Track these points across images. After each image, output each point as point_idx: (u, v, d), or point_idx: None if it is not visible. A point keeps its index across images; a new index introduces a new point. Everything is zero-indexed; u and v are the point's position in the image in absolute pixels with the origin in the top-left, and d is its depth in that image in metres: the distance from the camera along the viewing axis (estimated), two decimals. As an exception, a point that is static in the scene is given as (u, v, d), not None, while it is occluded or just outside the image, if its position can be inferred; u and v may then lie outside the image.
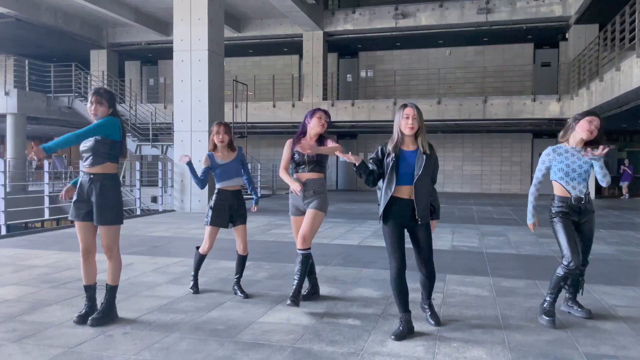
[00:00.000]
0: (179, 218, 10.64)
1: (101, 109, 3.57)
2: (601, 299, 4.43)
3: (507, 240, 7.82)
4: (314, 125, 4.05)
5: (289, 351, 3.12)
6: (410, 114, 3.39)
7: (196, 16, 11.82)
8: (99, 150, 3.52)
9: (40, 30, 19.36)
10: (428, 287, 3.65)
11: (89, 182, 3.54)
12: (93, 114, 3.57)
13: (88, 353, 3.08)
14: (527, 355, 3.10)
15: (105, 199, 3.53)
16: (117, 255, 3.67)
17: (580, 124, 3.69)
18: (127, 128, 19.10)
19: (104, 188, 3.53)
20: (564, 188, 3.74)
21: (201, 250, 4.52)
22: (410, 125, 3.38)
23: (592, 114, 3.73)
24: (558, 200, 3.77)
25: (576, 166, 3.70)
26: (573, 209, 3.71)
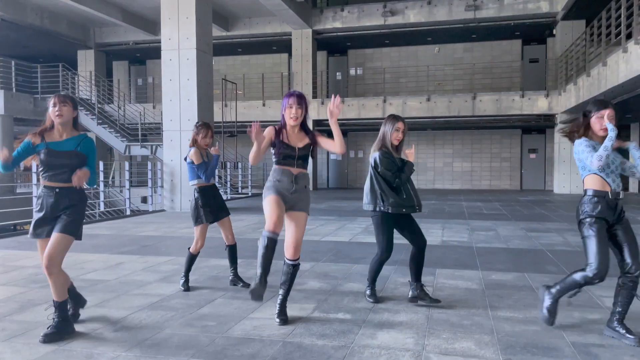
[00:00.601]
0: (169, 218, 10.60)
1: (66, 109, 3.37)
2: (588, 289, 4.47)
3: (496, 235, 7.88)
4: (286, 116, 3.64)
5: (279, 345, 3.14)
6: (401, 128, 4.04)
7: (184, 15, 11.78)
8: (78, 168, 3.34)
9: (26, 30, 19.22)
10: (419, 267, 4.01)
11: (54, 197, 3.31)
12: (59, 115, 3.33)
13: (78, 351, 3.07)
14: (514, 345, 3.13)
15: (74, 211, 3.35)
16: (58, 270, 3.31)
17: (593, 121, 3.29)
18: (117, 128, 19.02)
19: (73, 202, 3.36)
20: (604, 180, 3.24)
21: (193, 249, 4.55)
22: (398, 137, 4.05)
23: (603, 105, 3.29)
24: (593, 196, 3.24)
25: (609, 160, 3.24)
26: (610, 205, 3.23)
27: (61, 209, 3.33)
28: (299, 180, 3.65)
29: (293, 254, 3.54)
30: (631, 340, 3.16)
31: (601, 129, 3.25)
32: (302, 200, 3.65)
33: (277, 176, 3.63)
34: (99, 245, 7.08)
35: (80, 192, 3.44)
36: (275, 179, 3.63)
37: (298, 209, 3.62)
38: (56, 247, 3.27)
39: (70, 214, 3.34)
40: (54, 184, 3.34)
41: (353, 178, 22.74)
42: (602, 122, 3.23)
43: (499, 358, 2.93)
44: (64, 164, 3.33)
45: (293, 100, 3.58)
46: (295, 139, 3.66)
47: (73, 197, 3.37)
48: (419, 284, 3.99)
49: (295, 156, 3.63)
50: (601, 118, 3.23)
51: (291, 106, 3.58)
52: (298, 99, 3.59)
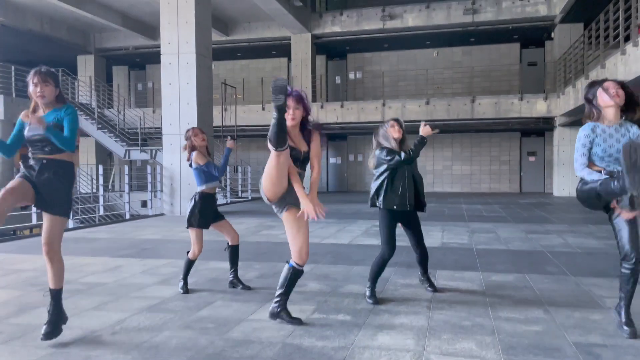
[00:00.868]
0: (168, 221, 10.58)
1: (48, 89, 3.22)
2: (589, 290, 4.46)
3: (496, 237, 7.86)
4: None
5: (279, 347, 3.11)
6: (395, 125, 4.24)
7: (183, 19, 11.79)
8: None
9: (26, 36, 19.23)
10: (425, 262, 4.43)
11: (39, 166, 3.18)
12: (40, 96, 3.20)
13: (76, 353, 3.05)
14: (516, 346, 3.11)
15: (57, 186, 3.21)
16: (59, 256, 3.27)
17: (601, 96, 3.20)
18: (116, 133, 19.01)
19: (56, 175, 3.21)
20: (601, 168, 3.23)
21: (191, 255, 4.53)
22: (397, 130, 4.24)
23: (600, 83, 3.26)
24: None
25: (614, 150, 3.15)
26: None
27: (46, 180, 3.17)
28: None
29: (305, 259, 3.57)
30: (626, 332, 3.21)
31: (613, 96, 3.15)
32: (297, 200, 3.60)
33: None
34: (98, 248, 7.06)
35: (66, 165, 3.27)
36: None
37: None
38: (53, 230, 3.20)
39: (60, 194, 3.22)
40: (39, 155, 3.21)
41: (352, 182, 22.71)
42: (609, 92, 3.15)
43: (501, 359, 2.91)
44: (42, 138, 3.16)
45: (291, 101, 3.51)
46: (299, 141, 3.58)
47: (59, 170, 3.22)
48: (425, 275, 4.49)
49: (301, 159, 3.55)
50: (605, 90, 3.18)
51: (289, 106, 3.50)
52: (295, 101, 3.51)
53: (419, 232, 4.27)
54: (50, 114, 3.26)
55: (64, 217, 3.25)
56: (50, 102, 3.28)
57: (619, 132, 3.20)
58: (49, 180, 3.19)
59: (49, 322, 3.22)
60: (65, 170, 3.26)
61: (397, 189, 4.06)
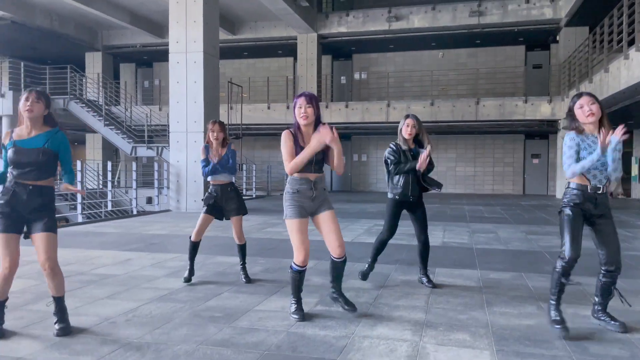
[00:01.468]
0: (174, 217, 10.78)
1: (38, 106, 3.29)
2: (583, 289, 4.62)
3: (496, 237, 8.02)
4: (297, 117, 3.60)
5: (283, 335, 3.29)
6: (410, 124, 4.48)
7: (191, 18, 11.98)
8: (47, 164, 3.30)
9: (35, 32, 19.47)
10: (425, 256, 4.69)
11: (26, 193, 3.25)
12: (28, 110, 3.26)
13: (93, 337, 3.24)
14: (508, 337, 3.28)
15: (45, 208, 3.32)
16: (59, 269, 3.40)
17: (577, 113, 3.37)
18: (123, 130, 19.23)
19: (43, 199, 3.31)
20: (584, 176, 3.37)
21: (193, 237, 4.77)
22: (409, 132, 4.49)
23: (578, 97, 3.39)
24: (574, 188, 3.41)
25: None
26: (588, 198, 3.36)
27: (34, 207, 3.28)
28: (317, 185, 3.62)
29: (340, 253, 3.65)
30: (616, 327, 3.39)
31: (585, 117, 3.31)
32: (324, 202, 3.67)
33: (296, 185, 3.59)
34: (107, 242, 7.25)
35: (50, 189, 3.40)
36: (294, 189, 3.59)
37: (323, 210, 3.64)
38: (51, 247, 3.30)
39: (48, 213, 3.34)
40: (25, 181, 3.26)
41: (356, 181, 22.88)
42: (583, 110, 3.31)
43: (493, 349, 3.08)
44: (30, 162, 3.22)
45: (302, 101, 3.56)
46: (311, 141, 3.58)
47: (45, 195, 3.33)
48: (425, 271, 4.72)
49: (313, 161, 3.56)
50: (579, 108, 3.34)
51: (301, 106, 3.55)
52: (307, 99, 3.56)
53: (422, 220, 4.60)
54: (40, 137, 3.31)
55: (55, 233, 3.36)
56: (37, 119, 3.32)
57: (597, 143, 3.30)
58: (41, 205, 3.30)
59: (59, 321, 3.35)
60: (49, 193, 3.38)
61: (400, 182, 4.51)
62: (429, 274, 4.75)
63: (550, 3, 18.13)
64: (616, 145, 3.22)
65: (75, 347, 3.08)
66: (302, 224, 3.57)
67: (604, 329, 3.44)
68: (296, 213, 3.56)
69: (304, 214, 3.60)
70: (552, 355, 2.98)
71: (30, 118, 3.29)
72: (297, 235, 3.55)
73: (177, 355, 2.95)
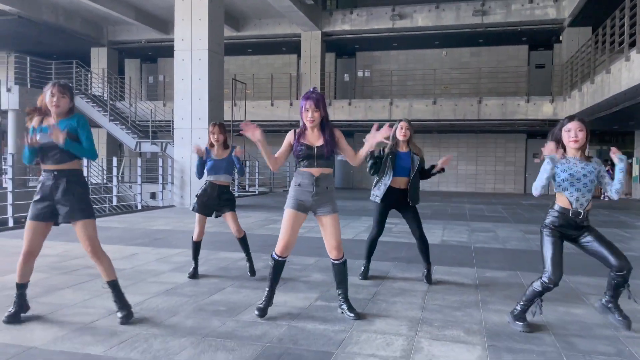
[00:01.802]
0: (178, 213, 10.93)
1: (63, 101, 3.46)
2: (576, 287, 4.75)
3: (495, 236, 8.15)
4: (303, 119, 3.65)
5: (284, 328, 3.44)
6: (404, 126, 4.68)
7: (197, 16, 12.10)
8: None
9: (41, 27, 19.63)
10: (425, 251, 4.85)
11: (52, 179, 3.42)
12: (55, 106, 3.43)
13: (102, 328, 3.38)
14: (500, 333, 3.41)
15: (74, 194, 3.43)
16: (103, 252, 3.56)
17: (563, 135, 3.46)
18: (128, 125, 19.40)
19: (70, 184, 3.43)
20: (567, 200, 3.45)
21: (194, 237, 4.93)
22: (404, 133, 4.67)
23: (569, 120, 3.48)
24: (555, 210, 3.50)
25: (581, 175, 3.41)
26: (568, 222, 3.46)
27: (62, 192, 3.40)
28: (320, 182, 3.61)
29: (336, 255, 3.71)
30: (620, 322, 3.50)
31: (569, 141, 3.41)
32: (327, 203, 3.64)
33: (298, 179, 3.64)
34: (112, 237, 7.40)
35: (77, 174, 3.51)
36: (296, 182, 3.64)
37: (324, 213, 3.64)
38: (89, 233, 3.47)
39: (79, 199, 3.45)
40: (50, 166, 3.43)
41: (359, 179, 23.02)
42: (569, 135, 3.40)
43: (485, 344, 3.21)
44: (53, 146, 3.38)
45: (309, 104, 3.59)
46: (314, 138, 3.66)
47: (71, 178, 3.45)
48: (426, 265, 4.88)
49: (315, 155, 3.60)
50: (567, 131, 3.43)
51: (307, 110, 3.59)
52: (315, 103, 3.58)
53: (413, 220, 4.77)
54: (62, 122, 3.47)
55: (91, 219, 3.50)
56: (63, 112, 3.50)
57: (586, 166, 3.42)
58: (65, 191, 3.41)
59: (120, 309, 3.54)
60: (77, 177, 3.50)
61: (380, 187, 4.74)
62: (431, 270, 4.89)
63: (553, 3, 18.20)
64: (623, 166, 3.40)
65: (86, 337, 3.23)
66: (293, 215, 3.62)
67: (592, 327, 3.57)
68: (291, 204, 3.64)
69: (301, 207, 3.63)
70: (541, 351, 3.12)
71: (57, 113, 3.47)
72: (284, 226, 3.64)
73: (183, 346, 3.10)
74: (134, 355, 2.96)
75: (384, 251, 6.30)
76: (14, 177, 9.47)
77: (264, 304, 3.69)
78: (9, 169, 9.45)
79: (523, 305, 3.56)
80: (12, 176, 9.39)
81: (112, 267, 3.62)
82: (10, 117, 18.55)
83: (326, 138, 3.63)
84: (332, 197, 3.70)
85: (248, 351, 3.03)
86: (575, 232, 3.49)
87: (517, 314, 3.57)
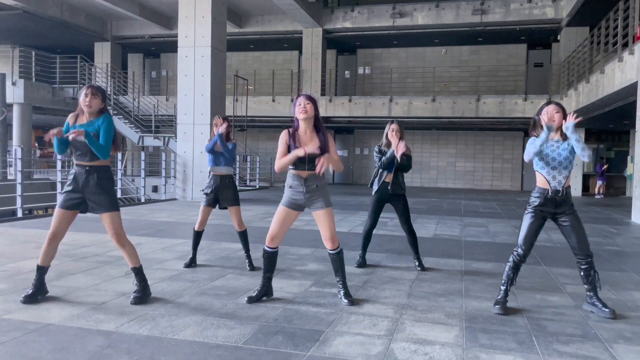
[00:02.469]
0: (181, 206, 11.24)
1: (95, 101, 3.77)
2: (556, 278, 5.05)
3: (486, 231, 8.45)
4: (296, 113, 3.81)
5: (280, 310, 3.74)
6: (395, 129, 5.08)
7: (200, 14, 12.38)
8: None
9: (46, 22, 19.89)
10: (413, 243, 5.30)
11: (85, 174, 3.73)
12: (87, 106, 3.74)
13: (113, 309, 3.69)
14: (478, 316, 3.72)
15: (103, 189, 3.75)
16: (127, 240, 3.90)
17: (542, 117, 3.83)
18: (131, 119, 19.69)
19: (100, 180, 3.75)
20: (545, 179, 3.80)
21: (196, 227, 5.23)
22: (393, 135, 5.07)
23: (546, 104, 3.87)
24: (536, 192, 3.85)
25: (556, 154, 3.75)
26: (549, 200, 3.79)
27: (93, 187, 3.73)
28: (309, 182, 3.79)
29: (331, 246, 3.92)
30: (606, 313, 3.75)
31: (549, 120, 3.77)
32: (318, 199, 3.82)
33: (290, 181, 3.86)
34: (118, 228, 7.70)
35: (106, 170, 3.83)
36: (288, 184, 3.87)
37: (317, 208, 3.83)
38: (115, 224, 3.82)
39: (106, 193, 3.77)
40: (83, 162, 3.74)
41: (358, 174, 23.32)
42: (547, 117, 3.80)
43: (462, 325, 3.51)
44: (83, 145, 3.70)
45: (302, 99, 3.80)
46: (307, 139, 3.80)
47: (101, 174, 3.77)
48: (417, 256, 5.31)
49: (306, 160, 3.73)
50: (545, 114, 3.81)
51: (300, 103, 3.78)
52: (306, 97, 3.80)
53: (402, 213, 5.21)
54: (92, 122, 3.78)
55: (116, 211, 3.84)
56: (94, 112, 3.82)
57: (560, 144, 3.82)
58: (95, 186, 3.75)
59: (138, 291, 3.87)
60: (105, 173, 3.83)
61: (378, 181, 5.19)
62: (420, 258, 5.33)
63: (552, 3, 18.44)
64: (573, 129, 3.70)
65: (98, 316, 3.53)
66: (284, 212, 3.86)
67: (564, 312, 3.88)
68: (285, 202, 3.88)
69: (293, 206, 3.87)
70: (513, 332, 3.42)
71: (89, 112, 3.79)
72: (275, 219, 3.90)
73: (187, 324, 3.40)
74: (143, 331, 3.26)
75: (378, 243, 6.60)
76: (23, 170, 9.77)
77: (256, 294, 3.96)
78: (18, 161, 9.76)
79: (504, 286, 3.92)
80: (22, 168, 9.69)
81: (136, 254, 3.97)
82: (15, 111, 18.85)
83: (321, 145, 3.78)
84: (324, 193, 3.87)
85: (247, 329, 3.34)
86: (557, 210, 3.84)
87: (499, 299, 3.88)
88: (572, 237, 3.86)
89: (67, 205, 3.80)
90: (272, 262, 4.00)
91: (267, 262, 3.99)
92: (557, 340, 3.29)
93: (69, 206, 3.80)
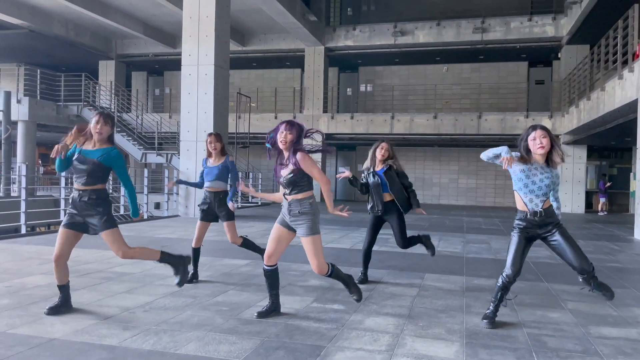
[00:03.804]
0: (183, 222, 11.28)
1: (106, 129, 3.87)
2: (557, 295, 5.06)
3: (488, 247, 8.46)
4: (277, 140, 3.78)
5: (282, 326, 3.76)
6: (384, 147, 5.26)
7: (204, 33, 12.55)
8: (95, 174, 3.84)
9: (51, 41, 20.18)
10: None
11: (80, 197, 3.84)
12: (98, 133, 3.84)
13: (116, 324, 3.72)
14: (479, 332, 3.73)
15: (98, 209, 3.83)
16: (133, 250, 3.96)
17: (530, 143, 3.72)
18: (134, 136, 19.83)
19: (95, 200, 3.83)
20: (522, 201, 3.78)
21: (193, 244, 5.29)
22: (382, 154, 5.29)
23: (533, 129, 3.74)
24: (518, 214, 3.84)
25: (537, 179, 3.71)
26: (531, 222, 3.77)
27: (88, 209, 3.83)
28: (291, 208, 3.80)
29: (318, 273, 3.87)
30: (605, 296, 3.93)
31: (536, 148, 3.69)
32: (301, 226, 3.79)
33: (281, 203, 3.98)
34: (121, 244, 7.74)
35: (100, 191, 3.89)
36: (282, 204, 3.98)
37: (300, 234, 3.83)
38: (116, 241, 3.89)
39: (102, 212, 3.85)
40: (79, 187, 3.84)
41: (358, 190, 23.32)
42: (535, 142, 3.70)
43: (463, 341, 3.53)
44: (83, 170, 3.81)
45: (283, 127, 3.76)
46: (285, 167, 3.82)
47: (96, 195, 3.84)
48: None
49: (285, 184, 3.81)
50: (532, 140, 3.73)
51: (282, 132, 3.75)
52: (288, 125, 3.75)
53: (397, 229, 5.29)
54: (99, 151, 3.87)
55: (114, 228, 3.90)
56: (103, 139, 3.91)
57: (543, 172, 3.73)
58: (91, 207, 3.84)
59: (175, 274, 4.22)
60: (100, 194, 3.90)
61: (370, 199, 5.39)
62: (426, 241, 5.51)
63: (552, 21, 18.63)
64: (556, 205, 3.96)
65: (102, 331, 3.56)
66: (277, 229, 3.95)
67: (564, 329, 3.88)
68: (278, 220, 3.98)
69: (285, 225, 3.92)
70: (514, 348, 3.43)
71: (98, 140, 3.89)
72: (270, 237, 3.99)
73: (189, 339, 3.43)
74: (146, 346, 3.29)
75: (379, 259, 6.62)
76: (27, 187, 9.85)
77: (265, 309, 4.00)
78: (22, 178, 9.84)
79: (494, 304, 3.92)
80: (26, 185, 9.77)
81: (150, 252, 4.10)
82: (20, 128, 19.00)
83: (293, 168, 3.73)
84: (308, 220, 3.79)
85: (248, 344, 3.36)
86: (542, 230, 3.81)
87: (488, 313, 3.92)
88: (566, 254, 3.79)
89: (69, 225, 3.90)
90: (274, 279, 4.02)
91: (268, 280, 4.02)
92: (557, 355, 3.30)
93: (71, 226, 3.91)
